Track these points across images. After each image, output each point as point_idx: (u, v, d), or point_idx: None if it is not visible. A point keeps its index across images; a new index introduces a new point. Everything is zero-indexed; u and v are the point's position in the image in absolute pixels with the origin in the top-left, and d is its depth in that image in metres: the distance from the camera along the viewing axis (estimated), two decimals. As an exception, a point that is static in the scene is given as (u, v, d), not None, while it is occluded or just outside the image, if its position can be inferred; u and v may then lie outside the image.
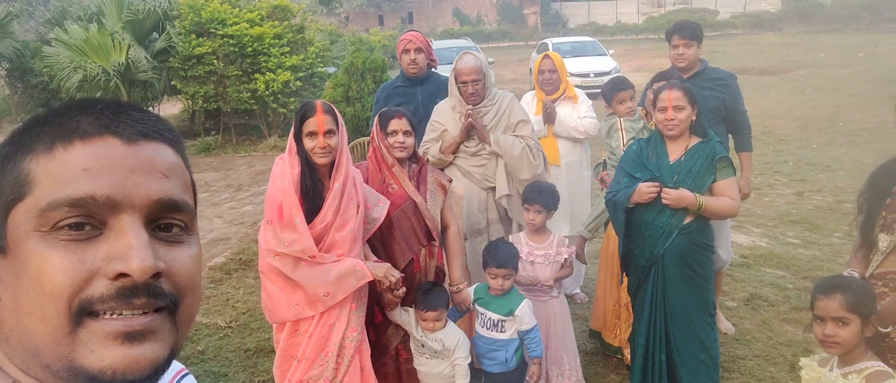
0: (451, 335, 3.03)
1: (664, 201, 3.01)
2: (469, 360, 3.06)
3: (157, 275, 0.63)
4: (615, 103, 3.84)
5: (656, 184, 3.04)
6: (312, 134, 2.72)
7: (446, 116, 3.74)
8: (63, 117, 0.67)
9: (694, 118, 3.05)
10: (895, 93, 13.39)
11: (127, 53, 11.12)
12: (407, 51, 4.27)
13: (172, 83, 11.85)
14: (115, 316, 0.62)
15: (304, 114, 2.73)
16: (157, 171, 0.67)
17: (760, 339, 4.13)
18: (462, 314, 3.28)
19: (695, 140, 3.09)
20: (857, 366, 2.10)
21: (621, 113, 3.82)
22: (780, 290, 4.84)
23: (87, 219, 0.62)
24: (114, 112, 0.68)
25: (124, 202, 0.63)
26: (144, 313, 0.63)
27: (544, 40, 20.65)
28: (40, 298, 0.61)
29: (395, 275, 2.87)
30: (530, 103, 4.66)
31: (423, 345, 3.06)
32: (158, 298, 0.64)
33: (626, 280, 3.52)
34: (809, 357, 2.36)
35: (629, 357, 3.82)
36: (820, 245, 5.83)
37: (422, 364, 3.10)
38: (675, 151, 3.10)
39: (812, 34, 30.97)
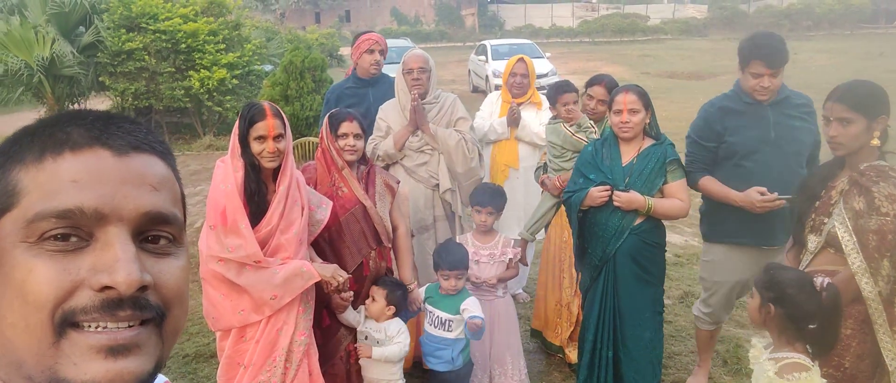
0: (395, 324, 3.09)
1: (615, 203, 3.09)
2: (406, 349, 3.09)
3: (143, 287, 0.63)
4: (559, 105, 3.90)
5: (607, 187, 3.11)
6: (261, 138, 2.67)
7: (390, 114, 3.79)
8: (53, 128, 0.66)
9: (648, 121, 3.14)
10: (813, 98, 14.16)
11: (51, 47, 10.63)
12: (372, 51, 4.23)
13: (100, 79, 11.40)
14: (99, 328, 0.61)
15: (252, 117, 2.67)
16: (147, 184, 0.66)
17: (694, 336, 4.28)
18: (414, 314, 3.30)
19: (648, 142, 3.18)
20: (780, 354, 2.22)
21: (563, 115, 3.89)
22: (711, 288, 5.04)
23: (75, 231, 0.62)
24: (105, 124, 0.67)
25: (112, 214, 0.63)
26: (130, 326, 0.63)
27: (483, 42, 20.81)
28: (24, 309, 0.60)
29: (343, 275, 2.86)
30: (494, 103, 4.68)
31: (366, 337, 3.08)
32: (144, 310, 0.63)
33: (578, 277, 3.61)
34: (759, 338, 2.48)
35: (571, 356, 3.93)
36: (747, 244, 6.10)
37: (365, 360, 3.12)
38: (628, 154, 3.18)
39: (736, 41, 31.88)
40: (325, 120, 3.13)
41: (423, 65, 3.70)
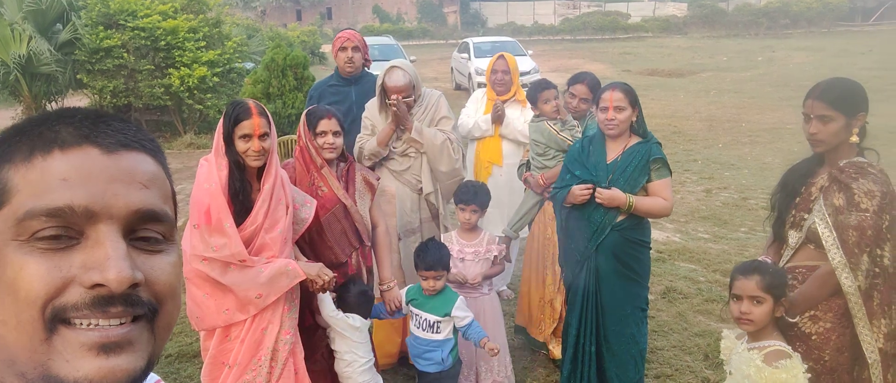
0: (352, 320, 3.03)
1: (597, 200, 3.10)
2: (359, 327, 3.01)
3: (134, 284, 0.63)
4: (541, 103, 3.92)
5: (589, 186, 3.12)
6: (247, 136, 2.65)
7: (376, 113, 3.75)
8: (42, 126, 0.66)
9: (635, 119, 3.14)
10: (791, 95, 14.37)
11: (28, 45, 10.47)
12: (344, 48, 4.20)
13: (78, 77, 11.24)
14: (90, 326, 0.61)
15: (237, 116, 2.65)
16: (137, 182, 0.66)
17: (676, 331, 4.34)
18: (398, 314, 3.28)
19: (634, 140, 3.17)
20: (761, 343, 2.32)
21: (547, 112, 3.90)
22: (693, 283, 5.10)
23: (65, 229, 0.62)
24: (94, 122, 0.67)
25: (102, 212, 0.63)
26: (121, 323, 0.63)
27: (466, 40, 20.81)
28: (15, 306, 0.60)
29: (329, 273, 2.85)
30: (479, 101, 4.69)
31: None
32: (136, 307, 0.64)
33: (561, 273, 3.60)
34: (731, 329, 2.58)
35: (554, 351, 3.95)
36: (728, 239, 6.18)
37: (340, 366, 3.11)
38: (613, 151, 3.19)
39: (715, 39, 32.62)
40: (303, 117, 3.09)
41: (407, 93, 3.54)
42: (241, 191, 2.70)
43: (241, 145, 2.66)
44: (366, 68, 4.41)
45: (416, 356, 3.19)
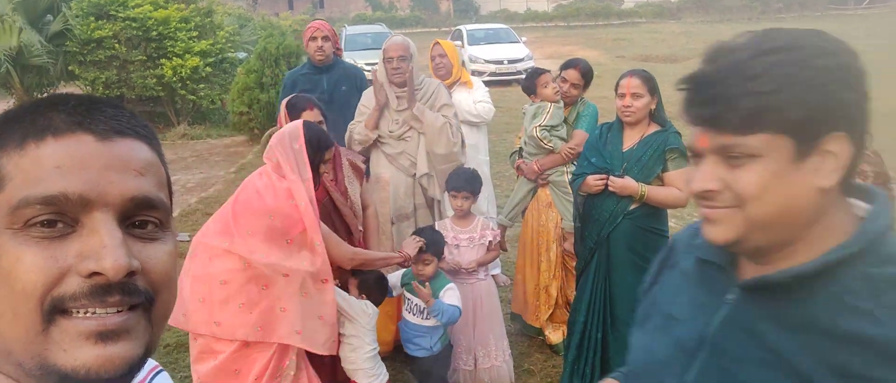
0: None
1: (610, 188, 3.07)
2: (371, 313, 3.03)
3: (131, 273, 0.63)
4: (540, 88, 3.88)
5: (603, 177, 3.09)
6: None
7: (373, 102, 3.75)
8: (35, 113, 0.66)
9: (653, 107, 3.10)
10: (785, 80, 14.34)
11: (19, 37, 10.40)
12: (314, 38, 4.41)
13: (70, 68, 11.19)
14: (88, 314, 0.61)
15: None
16: (132, 169, 0.66)
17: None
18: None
19: (653, 128, 3.12)
20: None
21: (548, 96, 3.87)
22: (688, 268, 5.12)
23: (60, 217, 0.61)
24: (87, 108, 0.67)
25: (97, 200, 0.62)
26: (118, 311, 0.63)
27: (458, 27, 20.77)
28: (11, 297, 0.60)
29: None
30: None
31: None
32: (133, 296, 0.63)
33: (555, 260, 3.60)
34: None
35: (551, 337, 3.97)
36: (722, 224, 6.19)
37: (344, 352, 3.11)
38: (630, 139, 3.15)
39: (709, 24, 32.55)
40: (284, 110, 3.08)
41: (403, 52, 3.65)
42: None
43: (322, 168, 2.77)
44: (337, 56, 4.60)
45: (407, 340, 3.22)
